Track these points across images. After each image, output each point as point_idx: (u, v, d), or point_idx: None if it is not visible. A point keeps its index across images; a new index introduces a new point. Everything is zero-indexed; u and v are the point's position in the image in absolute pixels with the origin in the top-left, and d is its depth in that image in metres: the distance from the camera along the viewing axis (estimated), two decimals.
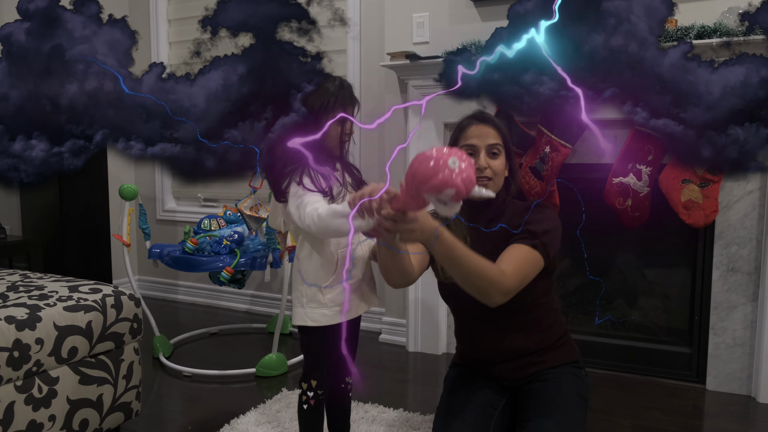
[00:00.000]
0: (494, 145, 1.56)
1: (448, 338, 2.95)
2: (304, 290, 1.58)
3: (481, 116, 1.61)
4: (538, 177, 2.55)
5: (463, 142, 1.58)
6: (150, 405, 2.36)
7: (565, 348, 1.68)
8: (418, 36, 2.85)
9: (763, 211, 2.35)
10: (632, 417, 2.24)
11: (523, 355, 1.63)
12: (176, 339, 3.08)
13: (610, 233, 2.72)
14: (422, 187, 1.03)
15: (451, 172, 0.99)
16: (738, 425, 2.20)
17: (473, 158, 1.55)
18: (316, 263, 1.57)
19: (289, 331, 3.24)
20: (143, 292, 4.02)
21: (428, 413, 2.21)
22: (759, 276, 2.38)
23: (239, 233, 2.81)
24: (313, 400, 1.62)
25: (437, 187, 1.00)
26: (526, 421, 1.51)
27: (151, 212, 3.94)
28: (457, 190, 1.00)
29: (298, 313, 1.60)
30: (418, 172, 1.02)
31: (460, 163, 1.00)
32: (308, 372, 1.64)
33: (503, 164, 1.59)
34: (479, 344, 1.67)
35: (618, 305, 2.78)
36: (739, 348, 2.43)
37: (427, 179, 1.01)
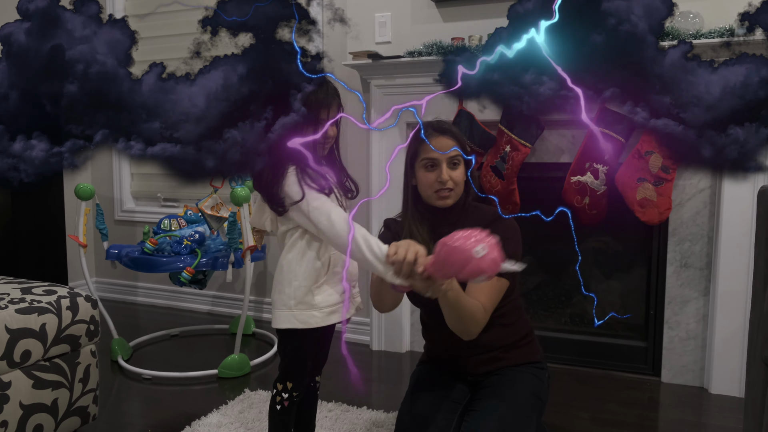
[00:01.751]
0: (455, 156, 1.61)
1: (411, 336, 2.97)
2: (292, 293, 1.55)
3: (440, 127, 1.64)
4: (498, 176, 2.59)
5: (424, 154, 1.61)
6: (108, 409, 2.31)
7: (529, 348, 1.73)
8: (380, 36, 2.86)
9: (713, 209, 2.44)
10: (591, 410, 2.30)
11: (489, 349, 1.67)
12: (136, 341, 3.02)
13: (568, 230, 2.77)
14: (455, 276, 1.19)
15: (479, 261, 1.14)
16: (691, 415, 2.27)
17: (434, 171, 1.60)
18: (308, 265, 1.55)
19: (252, 331, 3.21)
20: (101, 294, 3.93)
21: (392, 411, 2.22)
22: (710, 271, 2.47)
23: (200, 233, 2.77)
24: (287, 401, 1.61)
25: (468, 277, 1.16)
26: (474, 411, 1.56)
27: (109, 212, 3.85)
28: (487, 275, 1.16)
29: (283, 316, 1.57)
30: (447, 263, 1.17)
31: (486, 251, 1.14)
32: (286, 374, 1.62)
33: (463, 173, 1.63)
34: (450, 342, 1.70)
35: (577, 301, 2.84)
36: (692, 341, 2.51)
37: (459, 271, 1.16)
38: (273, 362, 2.82)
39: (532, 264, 2.89)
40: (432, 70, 2.69)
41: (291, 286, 1.55)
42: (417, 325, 2.92)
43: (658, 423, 2.23)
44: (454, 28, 2.72)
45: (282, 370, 1.63)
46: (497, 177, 2.59)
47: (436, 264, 1.21)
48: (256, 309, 3.51)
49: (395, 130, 2.81)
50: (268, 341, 3.09)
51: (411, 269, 1.26)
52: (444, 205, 1.62)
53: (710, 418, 2.25)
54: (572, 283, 2.83)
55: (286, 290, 1.56)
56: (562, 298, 2.86)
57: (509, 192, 2.58)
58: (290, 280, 1.55)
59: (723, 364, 2.42)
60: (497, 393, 1.60)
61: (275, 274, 1.61)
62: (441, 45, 2.58)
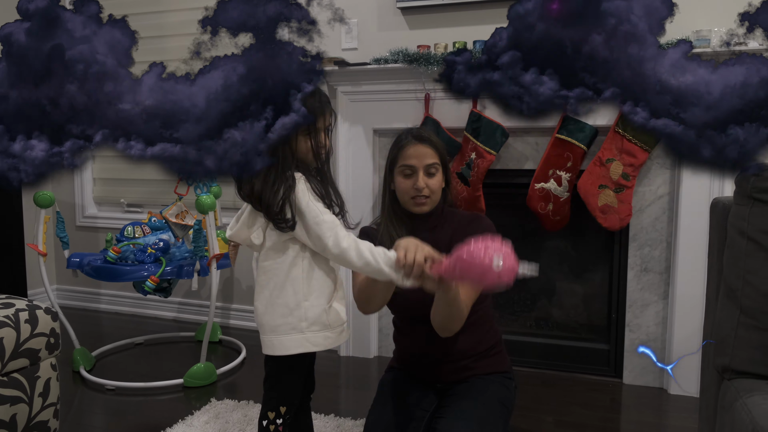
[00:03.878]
0: (432, 164, 1.63)
1: (379, 341, 2.98)
2: (303, 314, 1.45)
3: (419, 135, 1.66)
4: (464, 182, 2.62)
5: (402, 162, 1.64)
6: (69, 422, 2.26)
7: (498, 357, 1.76)
8: (346, 42, 2.86)
9: (672, 215, 2.51)
10: (555, 413, 2.34)
11: (461, 357, 1.69)
12: (99, 351, 2.96)
13: (533, 236, 2.83)
14: (474, 286, 1.26)
15: (497, 274, 1.17)
16: (651, 416, 2.34)
17: (411, 178, 1.63)
18: (320, 283, 1.47)
19: (219, 338, 3.18)
20: (62, 302, 3.84)
21: (360, 418, 2.22)
22: (669, 275, 2.54)
23: (165, 241, 2.73)
24: (282, 426, 1.52)
25: (488, 289, 1.21)
26: (441, 418, 1.57)
27: (70, 218, 3.77)
28: (505, 285, 1.19)
29: (294, 341, 1.45)
30: (466, 275, 1.21)
31: (503, 262, 1.18)
32: (279, 400, 1.53)
33: (440, 181, 1.66)
34: (424, 347, 1.71)
35: (541, 305, 2.89)
36: (652, 343, 2.58)
37: (478, 282, 1.21)
38: (240, 370, 2.80)
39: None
40: (398, 77, 2.70)
41: (301, 308, 1.44)
42: (385, 330, 2.94)
43: (620, 424, 2.28)
44: (420, 35, 2.75)
45: (273, 397, 1.53)
46: (463, 183, 2.62)
47: (449, 271, 1.24)
48: (222, 315, 3.47)
49: (362, 137, 2.82)
50: (235, 348, 3.07)
51: (422, 270, 1.29)
52: (420, 211, 1.65)
53: (669, 419, 2.32)
54: (538, 287, 2.88)
55: (296, 312, 1.44)
56: (528, 302, 2.91)
57: (475, 198, 2.61)
58: (299, 301, 1.44)
59: (681, 366, 2.49)
60: (466, 399, 1.62)
61: (272, 296, 1.46)
62: (407, 52, 2.60)
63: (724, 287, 1.30)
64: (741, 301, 1.25)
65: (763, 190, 1.22)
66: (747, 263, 1.24)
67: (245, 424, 2.19)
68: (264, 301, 1.47)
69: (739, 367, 1.26)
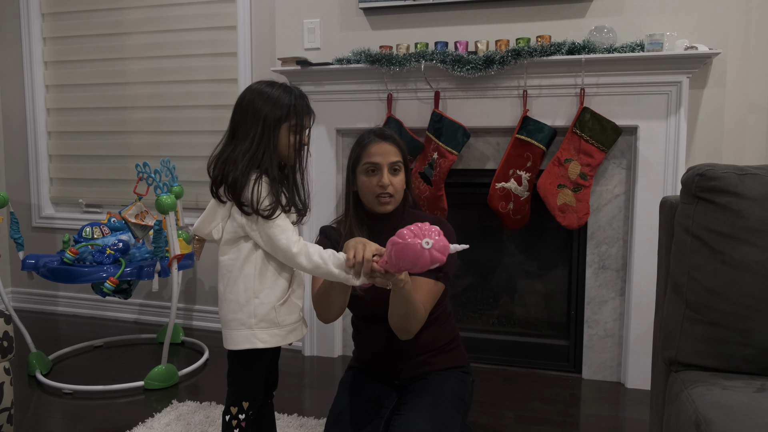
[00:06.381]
0: (395, 162, 1.66)
1: (343, 341, 2.98)
2: (252, 310, 1.48)
3: (382, 134, 1.69)
4: (427, 182, 2.64)
5: (366, 159, 1.65)
6: (26, 427, 2.21)
7: (455, 353, 1.79)
8: (309, 42, 2.86)
9: (628, 213, 2.58)
10: (515, 408, 2.38)
11: (419, 353, 1.71)
12: (56, 354, 2.89)
13: (494, 235, 2.87)
14: (411, 270, 1.27)
15: (429, 253, 1.23)
16: (609, 410, 2.40)
17: (375, 175, 1.65)
18: (271, 282, 1.49)
19: (181, 340, 3.14)
20: (17, 305, 3.75)
21: (323, 417, 2.23)
22: (626, 273, 2.61)
23: (124, 241, 2.69)
24: (245, 422, 1.55)
25: (423, 268, 1.25)
26: (400, 414, 1.59)
27: (26, 219, 3.67)
28: (439, 262, 1.25)
29: (242, 336, 1.49)
30: (401, 260, 1.26)
31: (433, 241, 1.23)
32: (241, 395, 1.55)
33: (403, 180, 1.69)
34: (383, 344, 1.72)
35: (503, 303, 2.94)
36: (610, 339, 2.65)
37: (414, 265, 1.25)
38: (203, 371, 2.77)
39: (461, 267, 2.96)
40: (360, 77, 2.71)
41: (251, 304, 1.48)
42: (349, 330, 2.94)
43: (579, 418, 2.34)
44: (382, 36, 2.76)
45: (235, 392, 1.56)
46: (425, 183, 2.65)
47: (390, 262, 1.30)
48: (185, 317, 3.43)
49: (326, 136, 2.82)
50: (198, 350, 3.03)
51: (370, 266, 1.33)
52: (384, 210, 1.66)
53: (626, 412, 2.38)
54: (500, 285, 2.92)
55: (245, 308, 1.48)
56: (490, 300, 2.95)
57: (437, 198, 2.64)
58: (249, 297, 1.48)
59: (637, 360, 2.56)
60: (423, 395, 1.64)
61: (226, 291, 1.51)
62: (369, 53, 2.61)
63: (671, 283, 1.35)
64: (686, 296, 1.30)
65: (707, 189, 1.27)
66: (692, 260, 1.29)
67: (207, 425, 2.18)
68: (219, 295, 1.53)
69: (684, 359, 1.30)
